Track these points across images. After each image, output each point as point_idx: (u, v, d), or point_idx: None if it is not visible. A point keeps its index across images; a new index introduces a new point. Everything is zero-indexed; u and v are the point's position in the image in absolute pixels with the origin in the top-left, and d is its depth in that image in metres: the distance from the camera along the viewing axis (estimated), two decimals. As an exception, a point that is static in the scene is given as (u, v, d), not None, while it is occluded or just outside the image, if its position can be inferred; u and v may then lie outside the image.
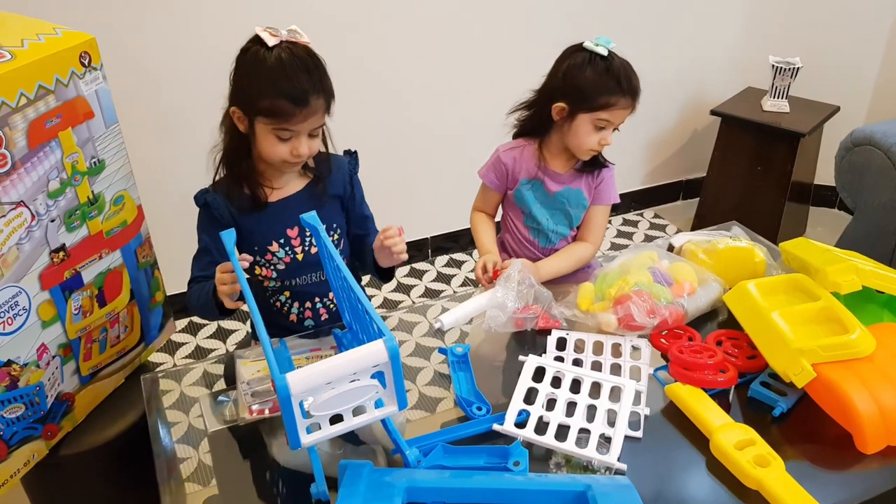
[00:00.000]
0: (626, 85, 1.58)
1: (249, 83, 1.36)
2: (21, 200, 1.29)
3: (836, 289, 1.35)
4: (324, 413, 0.97)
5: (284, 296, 1.58)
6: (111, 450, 1.57)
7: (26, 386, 1.38)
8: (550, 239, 1.75)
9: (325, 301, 1.61)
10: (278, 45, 1.34)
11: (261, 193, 1.48)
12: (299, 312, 1.60)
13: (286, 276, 1.55)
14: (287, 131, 1.37)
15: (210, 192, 1.48)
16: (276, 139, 1.38)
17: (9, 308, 1.30)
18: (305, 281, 1.57)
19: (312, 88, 1.34)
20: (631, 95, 1.60)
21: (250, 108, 1.38)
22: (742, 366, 1.32)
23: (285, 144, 1.39)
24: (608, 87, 1.58)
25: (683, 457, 1.16)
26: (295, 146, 1.39)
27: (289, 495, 1.15)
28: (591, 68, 1.58)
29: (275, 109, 1.34)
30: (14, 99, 1.24)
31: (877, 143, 2.39)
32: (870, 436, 1.14)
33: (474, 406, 1.25)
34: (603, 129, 1.62)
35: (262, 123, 1.37)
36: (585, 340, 1.41)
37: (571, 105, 1.61)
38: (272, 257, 1.51)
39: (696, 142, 3.56)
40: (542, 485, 1.03)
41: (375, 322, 1.00)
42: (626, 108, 1.61)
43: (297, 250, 1.52)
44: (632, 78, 1.60)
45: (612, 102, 1.59)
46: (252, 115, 1.38)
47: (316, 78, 1.35)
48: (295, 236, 1.52)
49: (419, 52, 2.76)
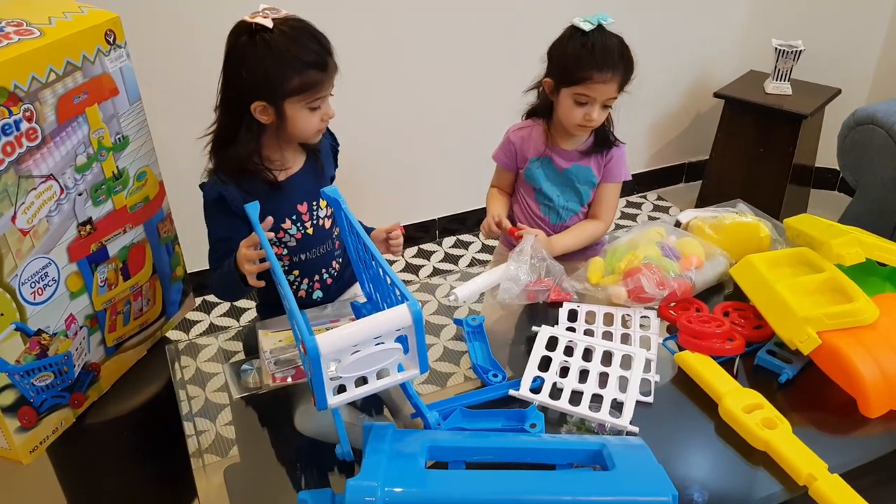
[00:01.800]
0: (602, 59, 1.58)
1: (269, 71, 1.34)
2: (51, 174, 1.32)
3: (840, 261, 1.39)
4: (350, 375, 1.01)
5: (294, 274, 1.60)
6: (135, 419, 1.62)
7: (55, 355, 1.42)
8: (561, 215, 1.78)
9: (330, 270, 1.63)
10: (277, 23, 1.34)
11: (271, 177, 1.48)
12: (308, 287, 1.63)
13: (296, 251, 1.57)
14: (318, 100, 1.40)
15: (221, 185, 1.46)
16: (309, 112, 1.41)
17: (39, 278, 1.34)
18: (314, 254, 1.59)
19: (326, 53, 1.38)
20: (609, 69, 1.58)
21: (278, 95, 1.37)
22: (749, 335, 1.36)
23: (315, 114, 1.42)
24: (584, 61, 1.59)
25: (693, 421, 1.20)
26: (324, 111, 1.43)
27: (311, 458, 1.18)
28: (571, 43, 1.61)
29: (305, 84, 1.36)
30: (44, 74, 1.27)
31: (879, 121, 2.43)
32: (873, 400, 1.18)
33: (490, 373, 1.29)
34: (585, 104, 1.63)
35: (293, 103, 1.38)
36: (596, 312, 1.45)
37: (555, 80, 1.65)
38: (284, 235, 1.53)
39: (698, 124, 3.59)
40: (559, 444, 1.07)
41: (399, 288, 1.04)
42: (603, 83, 1.60)
43: (307, 224, 1.55)
44: (609, 52, 1.59)
45: (587, 76, 1.59)
46: (280, 101, 1.37)
47: (325, 42, 1.39)
48: (304, 211, 1.54)
49: (428, 33, 2.77)
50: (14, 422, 1.37)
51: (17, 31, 1.28)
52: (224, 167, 1.46)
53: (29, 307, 1.33)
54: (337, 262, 1.64)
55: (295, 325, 1.05)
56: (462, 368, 1.36)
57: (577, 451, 1.05)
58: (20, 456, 1.41)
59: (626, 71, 1.61)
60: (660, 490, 0.93)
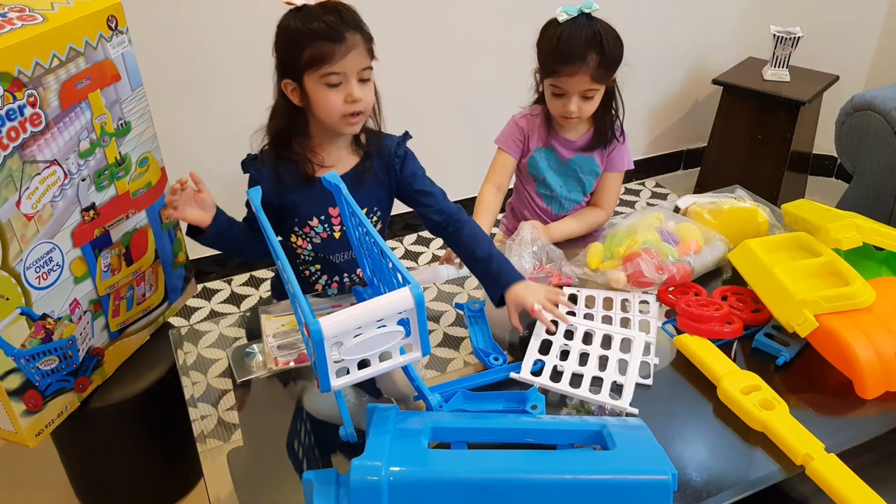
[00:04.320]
0: (567, 51, 1.56)
1: (288, 47, 1.37)
2: (55, 159, 1.33)
3: (837, 245, 1.40)
4: (353, 357, 1.02)
5: (315, 267, 1.61)
6: (138, 403, 1.63)
7: (60, 339, 1.43)
8: (563, 206, 1.79)
9: (353, 276, 1.62)
10: (308, 4, 1.34)
11: (309, 169, 1.47)
12: (326, 284, 1.63)
13: (321, 249, 1.57)
14: (334, 74, 1.35)
15: (257, 166, 1.48)
16: (327, 88, 1.36)
17: (44, 263, 1.35)
18: (339, 258, 1.58)
19: (344, 25, 1.34)
20: (575, 61, 1.56)
21: (297, 70, 1.37)
22: (746, 318, 1.38)
23: (338, 92, 1.37)
24: (552, 53, 1.59)
25: (692, 403, 1.21)
26: (348, 91, 1.37)
27: (314, 441, 1.20)
28: (546, 34, 1.61)
29: (315, 54, 1.33)
30: (47, 60, 1.28)
31: (876, 107, 2.44)
32: (869, 382, 1.20)
33: (491, 356, 1.31)
34: (561, 96, 1.62)
35: (310, 77, 1.36)
36: (595, 297, 1.46)
37: (540, 71, 1.66)
38: (310, 230, 1.53)
39: (696, 111, 3.59)
40: (560, 424, 1.08)
41: (400, 272, 1.05)
42: (570, 76, 1.58)
43: (336, 228, 1.53)
44: (576, 44, 1.55)
45: (556, 69, 1.59)
46: (300, 77, 1.38)
47: (348, 17, 1.35)
48: (336, 215, 1.51)
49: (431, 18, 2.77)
50: (20, 405, 1.38)
51: (21, 17, 1.28)
52: (269, 144, 1.48)
53: (34, 291, 1.34)
54: None
55: (298, 309, 1.06)
56: (462, 354, 1.37)
57: (578, 431, 1.06)
58: (26, 439, 1.42)
59: (603, 62, 1.57)
60: (660, 469, 0.95)
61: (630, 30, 1.63)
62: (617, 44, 1.60)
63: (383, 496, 0.91)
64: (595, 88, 1.61)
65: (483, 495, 0.94)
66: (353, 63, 1.36)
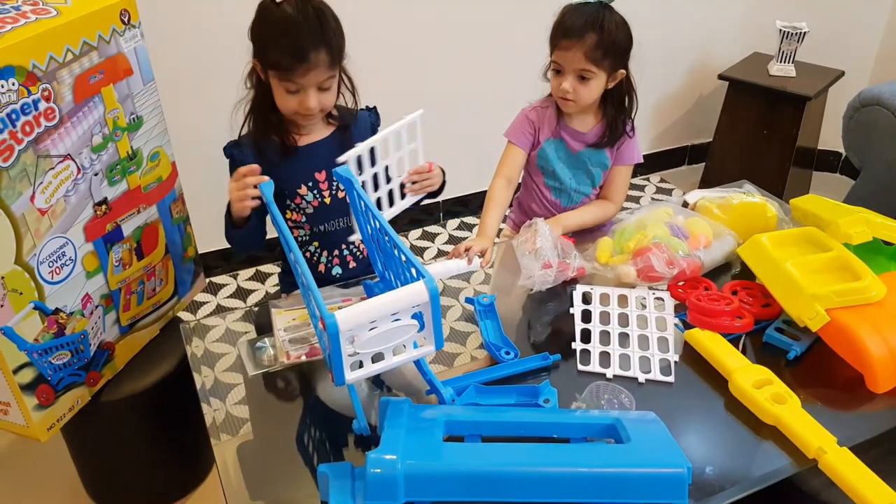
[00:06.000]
0: (568, 25, 1.60)
1: (259, 36, 1.43)
2: (68, 154, 1.34)
3: (847, 240, 1.40)
4: (367, 351, 1.03)
5: (314, 246, 1.64)
6: (148, 397, 1.64)
7: (72, 334, 1.43)
8: (572, 198, 1.79)
9: (351, 248, 1.66)
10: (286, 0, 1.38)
11: (289, 139, 1.54)
12: (327, 261, 1.65)
13: (315, 220, 1.60)
14: (292, 83, 1.42)
15: (237, 145, 1.54)
16: (285, 91, 1.44)
17: (57, 258, 1.36)
18: (334, 226, 1.61)
19: (312, 44, 1.38)
20: (573, 36, 1.59)
21: (263, 61, 1.44)
22: (757, 313, 1.38)
23: (294, 97, 1.44)
24: (556, 27, 1.63)
25: (703, 397, 1.22)
26: (303, 99, 1.44)
27: (326, 434, 1.20)
28: (560, 12, 1.65)
29: (278, 63, 1.40)
30: (61, 54, 1.28)
31: (884, 103, 2.44)
32: (880, 376, 1.20)
33: (502, 350, 1.31)
34: (560, 73, 1.65)
35: (272, 75, 1.44)
36: (610, 294, 1.46)
37: None
38: (301, 201, 1.57)
39: (701, 106, 3.59)
40: (574, 418, 1.09)
41: (414, 265, 1.05)
42: (566, 50, 1.61)
43: (325, 194, 1.57)
44: (576, 20, 1.59)
45: (556, 43, 1.63)
46: (265, 67, 1.45)
47: (317, 33, 1.39)
48: (323, 180, 1.56)
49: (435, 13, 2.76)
50: (32, 399, 1.39)
51: (35, 11, 1.29)
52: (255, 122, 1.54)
53: (47, 286, 1.35)
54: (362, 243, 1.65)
55: (312, 302, 1.06)
56: (469, 349, 1.37)
57: (592, 425, 1.07)
58: (38, 433, 1.42)
59: (600, 42, 1.58)
60: (675, 462, 0.95)
61: (636, 23, 1.63)
62: (619, 29, 1.60)
63: (399, 489, 0.92)
64: (590, 70, 1.61)
65: (498, 488, 0.95)
66: (313, 78, 1.42)
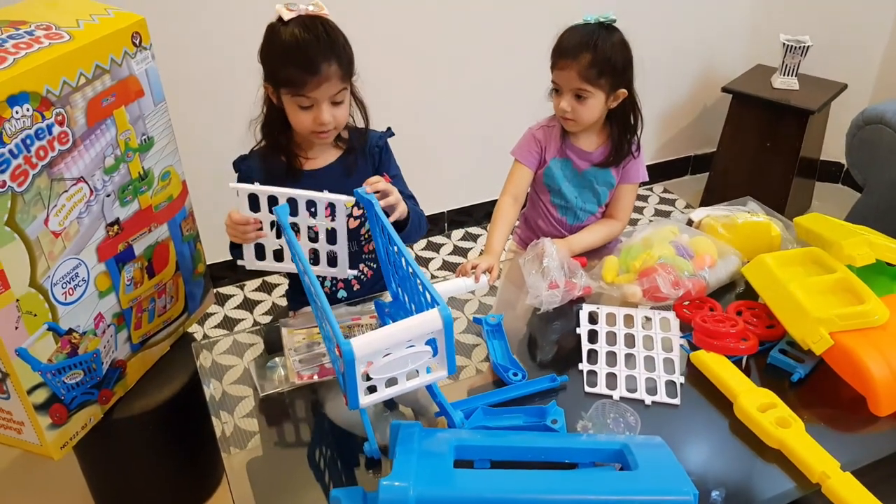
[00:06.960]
0: (565, 46, 1.62)
1: (269, 58, 1.44)
2: (81, 176, 1.35)
3: (850, 261, 1.42)
4: (381, 376, 1.05)
5: None
6: (159, 413, 1.65)
7: (85, 353, 1.45)
8: (579, 216, 1.80)
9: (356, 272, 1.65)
10: (294, 19, 1.40)
11: (296, 162, 1.55)
12: (332, 284, 1.66)
13: None
14: (305, 98, 1.43)
15: (245, 160, 1.56)
16: (298, 108, 1.45)
17: (70, 279, 1.37)
18: None
19: (323, 56, 1.39)
20: (568, 57, 1.61)
21: (274, 81, 1.45)
22: (761, 334, 1.39)
23: (308, 113, 1.45)
24: (554, 48, 1.65)
25: (708, 420, 1.23)
26: (317, 115, 1.45)
27: (336, 455, 1.22)
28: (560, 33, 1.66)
29: (289, 79, 1.41)
30: (74, 78, 1.30)
31: (887, 121, 2.45)
32: (883, 399, 1.22)
33: (510, 372, 1.32)
34: (559, 92, 1.67)
35: (284, 94, 1.45)
36: (616, 314, 1.47)
37: None
38: None
39: (705, 118, 3.60)
40: (583, 443, 1.10)
41: (430, 291, 1.07)
42: (563, 70, 1.63)
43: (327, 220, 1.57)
44: (570, 41, 1.61)
45: (554, 63, 1.65)
46: (277, 88, 1.46)
47: (326, 46, 1.40)
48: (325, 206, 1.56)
49: (440, 23, 2.77)
50: (46, 419, 1.40)
51: (48, 35, 1.30)
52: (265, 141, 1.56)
53: (60, 307, 1.36)
54: (368, 268, 1.67)
55: (328, 327, 1.08)
56: (474, 361, 1.39)
57: (600, 450, 1.08)
58: (51, 452, 1.44)
59: (594, 62, 1.59)
60: (682, 489, 0.97)
61: (639, 35, 1.64)
62: (615, 48, 1.61)
63: (411, 515, 0.93)
64: (585, 89, 1.62)
65: (509, 515, 0.96)
66: (325, 92, 1.43)
